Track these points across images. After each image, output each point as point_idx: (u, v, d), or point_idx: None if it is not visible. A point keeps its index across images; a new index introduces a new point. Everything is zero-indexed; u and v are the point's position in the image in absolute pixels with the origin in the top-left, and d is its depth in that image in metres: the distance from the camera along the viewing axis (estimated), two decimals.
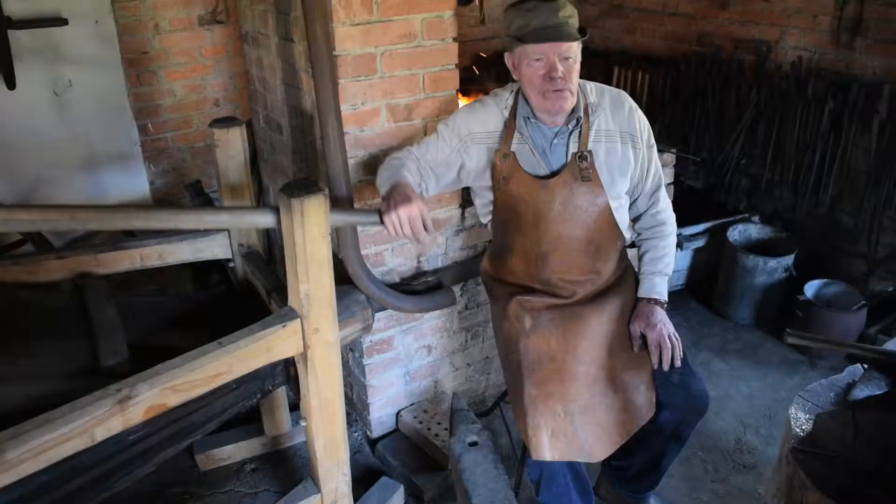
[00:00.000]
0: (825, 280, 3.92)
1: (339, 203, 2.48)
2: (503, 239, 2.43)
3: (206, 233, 2.70)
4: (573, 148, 2.27)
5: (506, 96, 2.36)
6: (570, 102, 2.21)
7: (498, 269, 2.52)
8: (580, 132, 2.26)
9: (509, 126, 2.31)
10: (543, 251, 2.34)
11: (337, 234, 2.61)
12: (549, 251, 2.33)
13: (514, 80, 2.35)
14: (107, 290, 2.48)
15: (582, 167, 2.25)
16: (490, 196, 2.41)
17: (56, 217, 1.79)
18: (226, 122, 2.61)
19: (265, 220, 2.13)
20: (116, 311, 2.34)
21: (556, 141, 2.28)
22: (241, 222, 2.41)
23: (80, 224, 1.84)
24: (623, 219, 2.39)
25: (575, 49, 2.16)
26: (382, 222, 2.13)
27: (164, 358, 1.97)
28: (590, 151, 2.25)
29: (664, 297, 2.41)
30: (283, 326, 2.14)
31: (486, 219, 2.52)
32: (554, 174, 2.29)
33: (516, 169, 2.28)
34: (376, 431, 3.25)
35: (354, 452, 3.11)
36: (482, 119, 2.35)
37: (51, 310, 2.47)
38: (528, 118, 2.29)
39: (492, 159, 2.34)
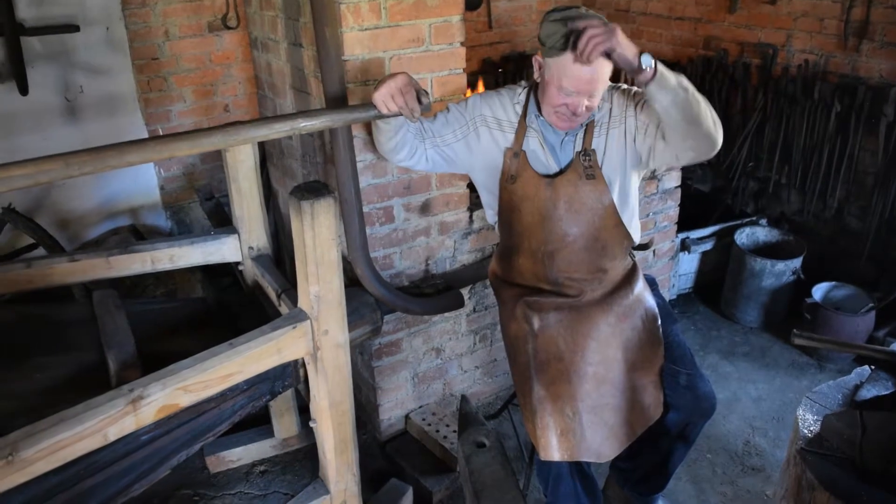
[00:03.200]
0: (833, 283, 3.92)
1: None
2: (510, 239, 2.44)
3: (216, 236, 2.72)
4: (578, 146, 2.28)
5: (518, 92, 2.33)
6: (578, 123, 2.20)
7: (505, 271, 2.52)
8: (585, 130, 2.26)
9: (521, 124, 2.30)
10: (550, 250, 2.34)
11: (346, 237, 2.63)
12: (556, 250, 2.34)
13: (526, 79, 2.33)
14: (117, 298, 2.50)
15: (586, 165, 2.25)
16: (496, 192, 2.40)
17: (50, 167, 1.73)
18: None
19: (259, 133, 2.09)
20: (126, 320, 2.36)
21: (566, 138, 2.28)
22: (237, 139, 2.19)
23: (75, 169, 1.76)
24: (630, 218, 2.38)
25: (603, 88, 2.13)
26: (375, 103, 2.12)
27: None
28: (593, 150, 2.25)
29: (662, 67, 1.93)
30: (293, 328, 2.15)
31: (492, 219, 2.52)
32: (560, 172, 2.29)
33: (525, 168, 2.28)
34: (385, 433, 3.26)
35: (363, 454, 3.12)
36: (495, 105, 2.33)
37: (62, 322, 2.50)
38: (539, 116, 2.28)
39: (500, 152, 2.33)
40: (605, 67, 2.05)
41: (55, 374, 2.23)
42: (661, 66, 1.91)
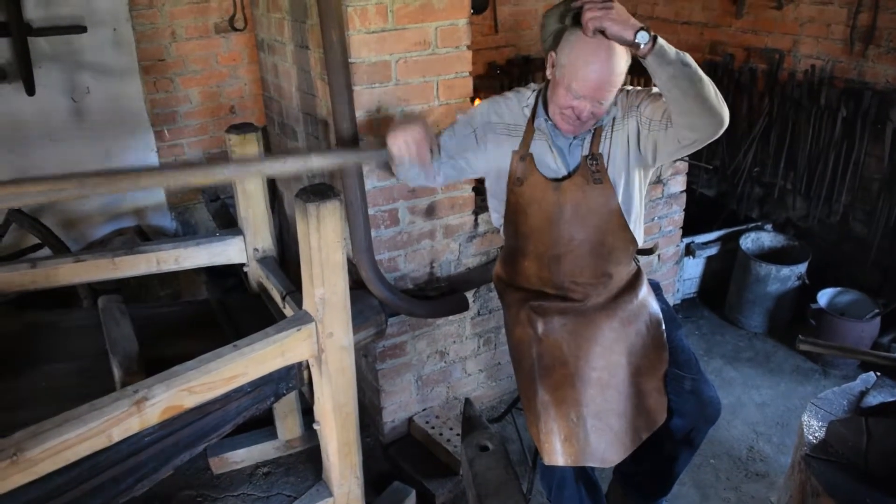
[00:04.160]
0: (838, 288, 3.91)
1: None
2: (516, 242, 2.43)
3: (221, 237, 2.72)
4: (586, 150, 2.26)
5: (527, 95, 2.32)
6: (583, 129, 2.20)
7: (510, 274, 2.52)
8: (593, 134, 2.25)
9: (528, 128, 2.29)
10: (556, 254, 2.33)
11: (351, 239, 2.63)
12: (562, 254, 2.33)
13: (534, 82, 2.31)
14: (121, 303, 2.51)
15: (593, 169, 2.24)
16: (503, 196, 2.39)
17: (65, 186, 1.76)
18: (242, 128, 2.63)
19: (268, 168, 2.13)
20: (131, 326, 2.37)
21: (574, 142, 2.26)
22: (248, 172, 2.37)
23: (89, 190, 1.78)
24: (636, 223, 2.37)
25: (612, 97, 2.12)
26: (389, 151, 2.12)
27: None
28: (601, 154, 2.24)
29: (662, 42, 1.89)
30: (298, 330, 2.15)
31: (497, 222, 2.51)
32: (568, 176, 2.28)
33: (532, 171, 2.28)
34: (389, 436, 3.26)
35: (366, 457, 3.12)
36: (502, 112, 2.33)
37: (68, 329, 2.51)
38: (548, 120, 2.26)
39: (508, 156, 2.32)
40: (617, 77, 2.05)
41: (61, 382, 2.24)
42: (660, 41, 1.89)
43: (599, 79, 2.03)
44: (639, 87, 2.25)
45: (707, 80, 1.93)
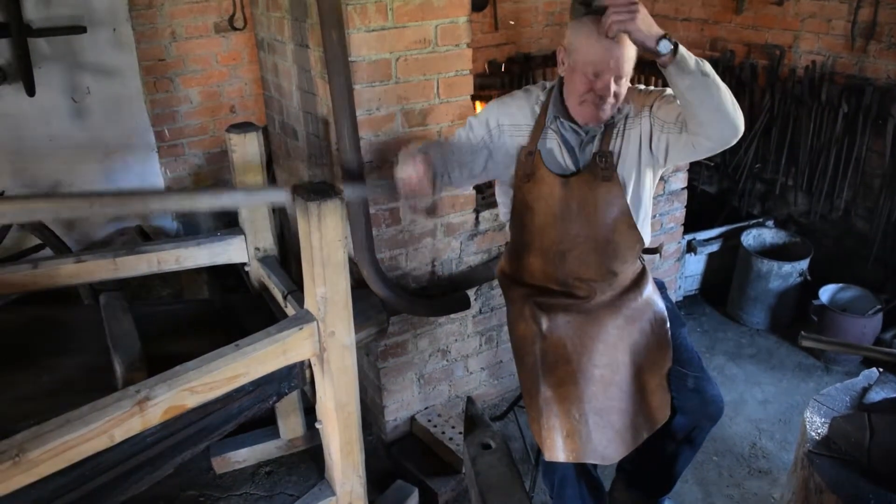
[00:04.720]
0: (840, 284, 3.90)
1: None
2: (522, 237, 2.43)
3: (222, 237, 2.72)
4: (596, 147, 2.25)
5: (537, 93, 2.32)
6: (606, 115, 2.17)
7: (515, 270, 2.51)
8: (604, 132, 2.23)
9: (539, 123, 2.28)
10: (561, 249, 2.33)
11: (352, 238, 2.63)
12: (568, 250, 2.32)
13: (543, 80, 2.30)
14: (123, 300, 2.51)
15: (602, 167, 2.23)
16: (511, 192, 2.39)
17: (75, 205, 1.79)
18: (242, 127, 2.62)
19: (279, 197, 2.18)
20: (133, 323, 2.37)
21: (586, 139, 2.25)
22: (255, 200, 2.48)
23: (98, 210, 1.84)
24: (643, 222, 2.37)
25: (630, 70, 2.12)
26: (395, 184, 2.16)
27: None
28: (610, 152, 2.23)
29: (683, 51, 1.91)
30: (300, 329, 2.15)
31: (505, 217, 2.50)
32: (576, 173, 2.27)
33: (539, 167, 2.27)
34: (391, 435, 3.26)
35: (369, 456, 3.12)
36: (512, 112, 2.32)
37: (70, 325, 2.51)
38: (558, 117, 2.25)
39: (516, 153, 2.32)
40: (631, 49, 2.05)
41: (63, 377, 2.24)
42: (682, 50, 1.89)
43: (614, 51, 2.03)
44: (652, 87, 2.25)
45: (725, 89, 1.94)
